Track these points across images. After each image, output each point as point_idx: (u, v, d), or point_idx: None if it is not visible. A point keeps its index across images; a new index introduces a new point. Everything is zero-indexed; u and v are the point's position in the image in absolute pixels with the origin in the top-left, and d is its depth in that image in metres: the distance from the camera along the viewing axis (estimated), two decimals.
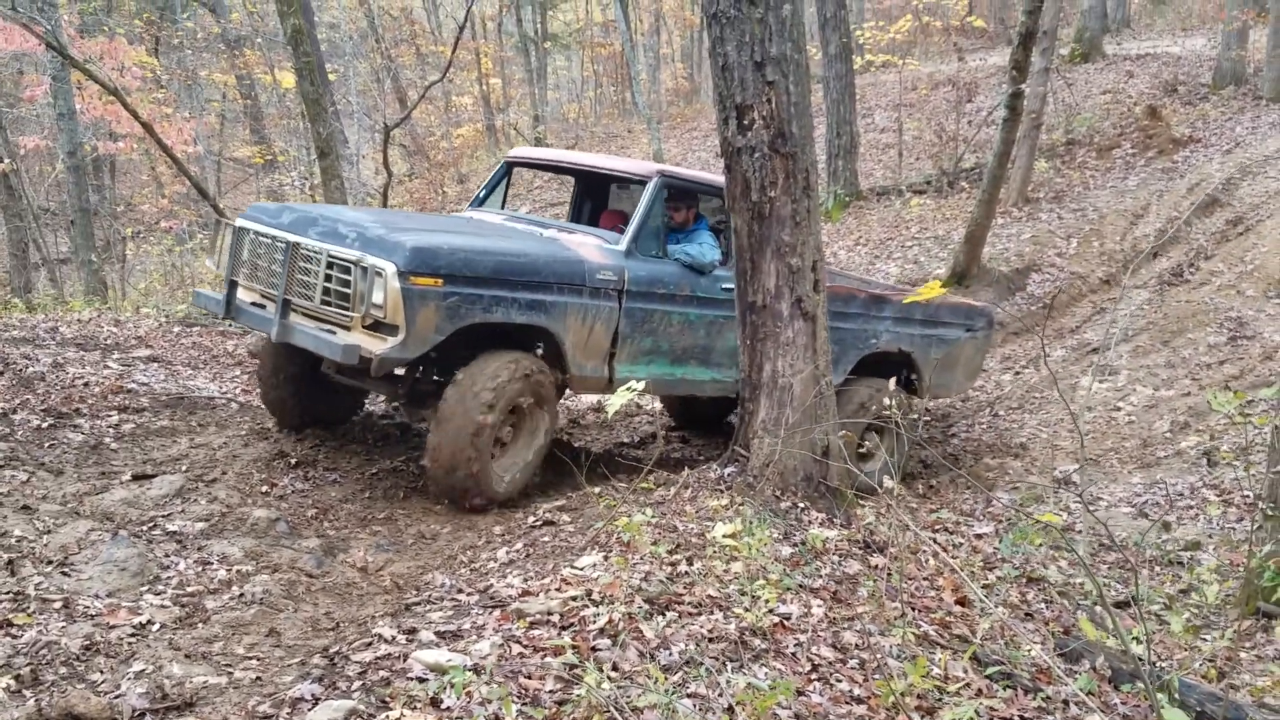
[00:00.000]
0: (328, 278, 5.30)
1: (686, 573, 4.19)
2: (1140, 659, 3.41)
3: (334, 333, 5.21)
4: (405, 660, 3.39)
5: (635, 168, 6.74)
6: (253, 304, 5.76)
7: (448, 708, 3.01)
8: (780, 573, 4.24)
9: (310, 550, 4.66)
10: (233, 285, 5.81)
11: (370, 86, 22.81)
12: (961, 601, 4.58)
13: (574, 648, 3.44)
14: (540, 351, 5.82)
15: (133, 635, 3.64)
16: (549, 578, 4.24)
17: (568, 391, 6.33)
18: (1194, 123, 14.97)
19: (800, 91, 5.21)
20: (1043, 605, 4.89)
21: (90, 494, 5.13)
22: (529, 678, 3.26)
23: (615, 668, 3.29)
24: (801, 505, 5.08)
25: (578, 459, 6.51)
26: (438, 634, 3.70)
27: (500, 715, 2.94)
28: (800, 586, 4.22)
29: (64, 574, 4.19)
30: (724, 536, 4.41)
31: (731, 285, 5.77)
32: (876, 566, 4.67)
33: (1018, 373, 9.77)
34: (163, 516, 4.94)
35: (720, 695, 3.16)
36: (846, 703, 3.37)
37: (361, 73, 23.17)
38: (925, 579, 4.73)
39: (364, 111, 21.97)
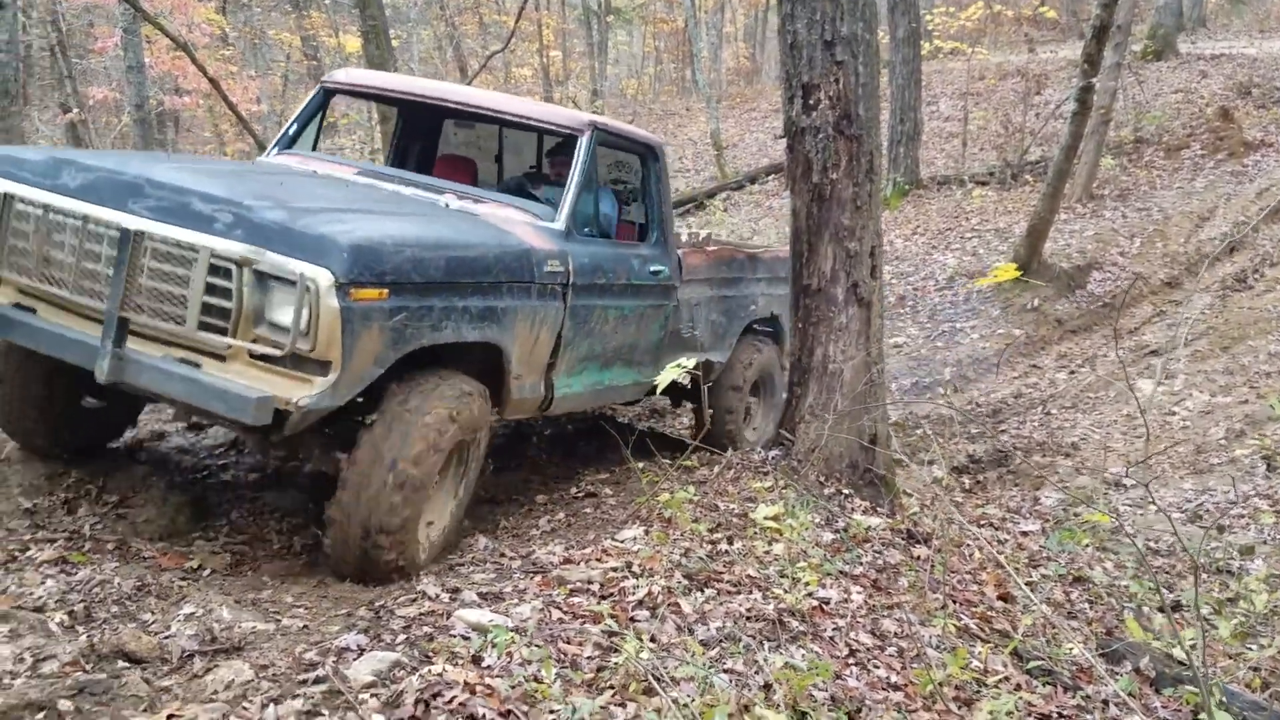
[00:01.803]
0: (210, 289, 3.58)
1: (726, 551, 4.21)
2: (1184, 663, 3.36)
3: (197, 365, 3.62)
4: (448, 618, 3.44)
5: (558, 116, 5.25)
6: (16, 306, 3.91)
7: (488, 666, 3.05)
8: (821, 557, 4.24)
9: None
10: None
11: (432, 54, 22.93)
12: (1004, 597, 4.55)
13: (613, 617, 3.47)
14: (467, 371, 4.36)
15: (183, 579, 3.72)
16: (590, 548, 4.28)
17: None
18: (1266, 127, 14.58)
19: (869, 73, 5.15)
20: (1086, 605, 4.84)
21: (150, 440, 5.24)
22: (568, 642, 3.30)
23: (654, 639, 3.32)
24: (846, 492, 5.06)
25: (623, 433, 6.54)
26: (480, 595, 3.75)
27: (540, 676, 2.98)
28: (840, 572, 4.21)
29: (119, 516, 4.29)
30: (766, 518, 4.41)
31: (658, 267, 5.40)
32: (919, 557, 4.64)
33: (1072, 372, 9.63)
34: (218, 466, 5.04)
35: (757, 673, 3.17)
36: (883, 689, 3.36)
37: (424, 39, 23.28)
38: (968, 573, 4.70)
39: (424, 77, 22.10)
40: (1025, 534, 5.77)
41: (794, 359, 5.43)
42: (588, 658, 3.21)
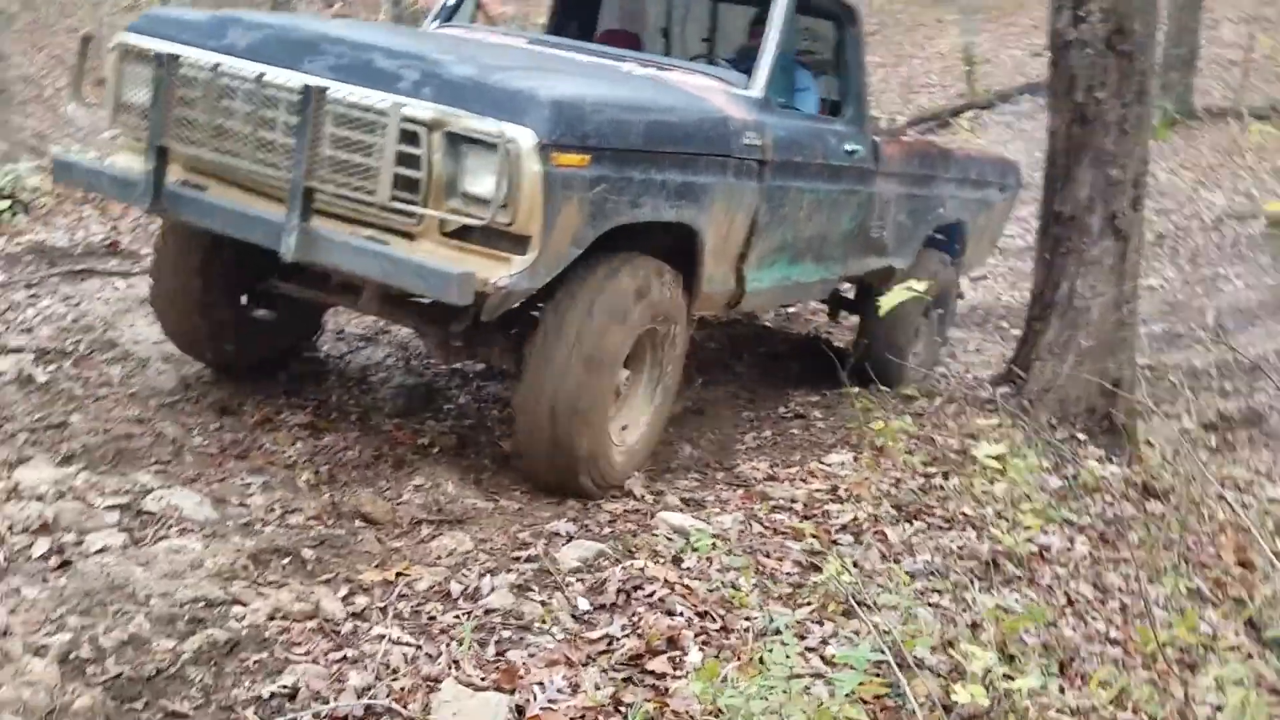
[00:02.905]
0: (401, 156, 3.18)
1: (940, 486, 4.08)
2: None
3: (385, 243, 3.29)
4: (651, 518, 3.52)
5: None
6: (189, 185, 3.59)
7: (688, 568, 3.10)
8: (1045, 503, 4.04)
9: None
10: (162, 156, 3.46)
11: None
12: (1244, 563, 4.21)
13: (815, 537, 3.45)
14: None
15: (415, 454, 3.96)
16: (796, 468, 4.25)
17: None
18: None
19: None
20: None
21: (387, 326, 5.55)
22: (768, 556, 3.30)
23: (856, 564, 3.27)
24: (1079, 437, 4.78)
25: (842, 357, 6.40)
26: (683, 500, 3.81)
27: (738, 584, 3.00)
28: (1065, 520, 4.00)
29: (363, 391, 4.60)
30: (988, 456, 4.23)
31: (853, 147, 4.78)
32: (1154, 513, 4.34)
33: None
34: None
35: (965, 611, 3.07)
36: (1100, 642, 3.20)
37: None
38: (1206, 534, 4.37)
39: None
40: (1274, 501, 5.29)
41: (1035, 291, 5.12)
42: (786, 573, 3.20)
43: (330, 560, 2.98)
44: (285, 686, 2.28)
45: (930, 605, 3.09)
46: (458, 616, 2.68)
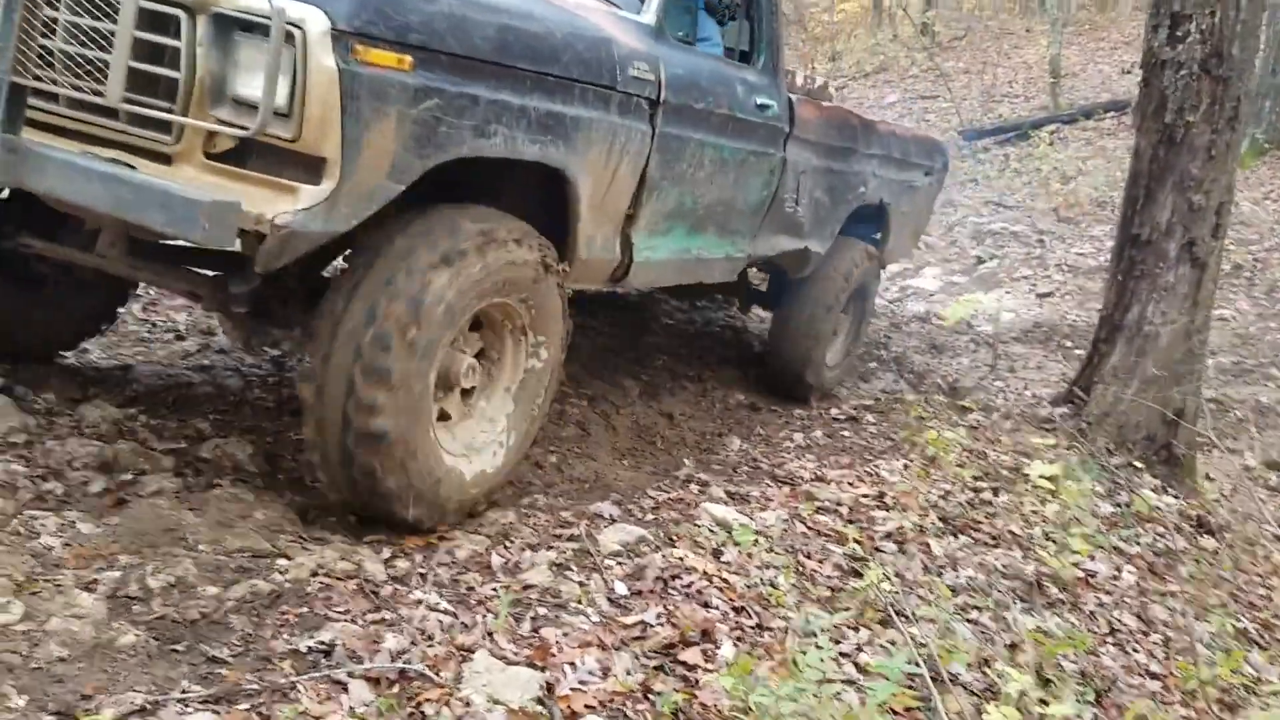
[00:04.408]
0: (146, 47, 2.45)
1: (990, 502, 4.03)
2: None
3: (130, 168, 2.48)
4: (695, 508, 3.51)
5: None
6: None
7: (727, 561, 3.09)
8: (1095, 528, 3.96)
9: (625, 389, 4.87)
10: None
11: None
12: None
13: (858, 542, 3.42)
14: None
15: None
16: (843, 471, 4.22)
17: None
18: None
19: (1252, 9, 4.56)
20: None
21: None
22: (808, 557, 3.29)
23: (898, 574, 3.24)
24: (1136, 465, 4.68)
25: (902, 363, 6.35)
26: (727, 493, 3.80)
27: (776, 582, 2.98)
28: (1114, 548, 3.92)
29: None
30: (1041, 476, 4.16)
31: (765, 101, 4.11)
32: (1205, 549, 4.24)
33: None
34: None
35: (1004, 630, 3.03)
36: (1140, 675, 3.13)
37: None
38: (1259, 574, 4.25)
39: None
40: None
41: (1104, 312, 5.01)
42: (826, 576, 3.18)
43: (376, 522, 3.01)
44: (323, 643, 2.31)
45: (969, 622, 3.05)
46: (495, 589, 2.70)
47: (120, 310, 3.82)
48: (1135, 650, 3.29)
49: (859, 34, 21.85)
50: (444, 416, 2.95)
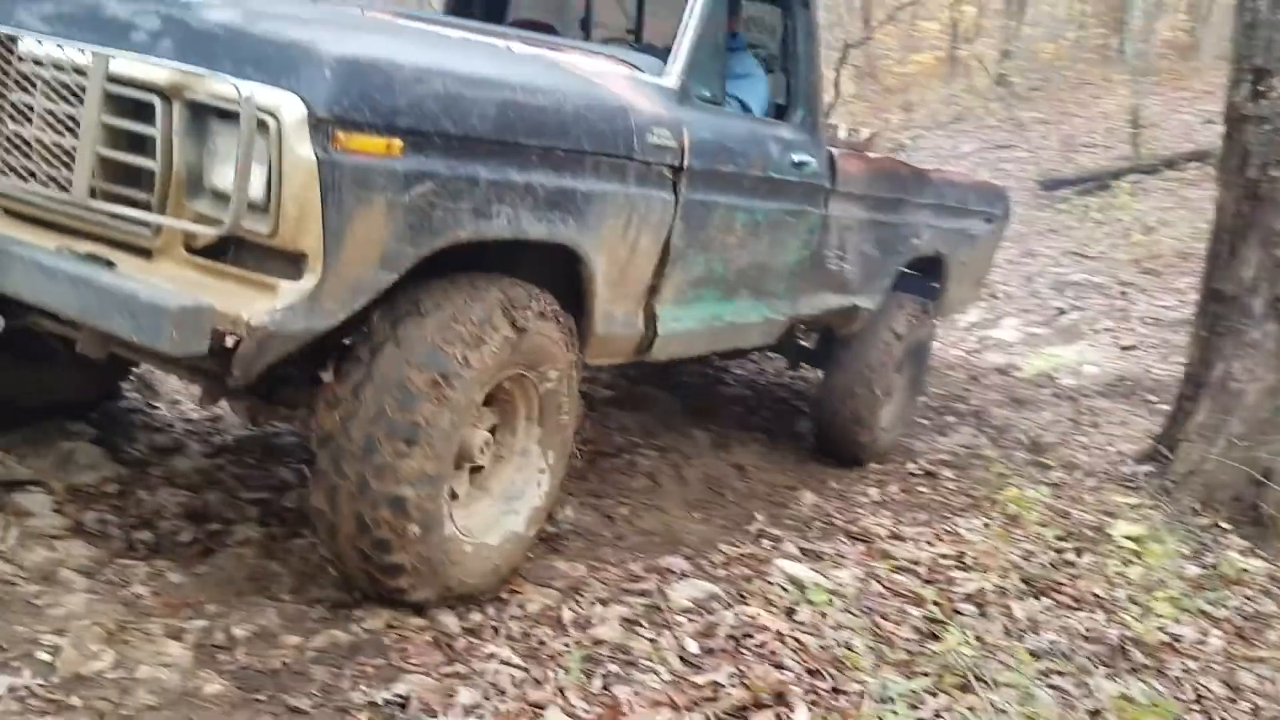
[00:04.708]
0: (116, 135, 2.36)
1: (1072, 563, 3.94)
2: None
3: (109, 265, 2.37)
4: (767, 565, 3.49)
5: None
6: None
7: (801, 620, 3.07)
8: (1181, 591, 3.84)
9: (696, 439, 4.87)
10: None
11: (838, 1, 22.65)
12: None
13: (937, 604, 3.37)
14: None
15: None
16: (921, 528, 4.17)
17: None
18: None
19: None
20: None
21: None
22: (885, 618, 3.24)
23: (978, 637, 3.18)
24: (1224, 526, 4.53)
25: (981, 417, 6.24)
26: (800, 549, 3.77)
27: (852, 644, 2.95)
28: (1201, 611, 3.79)
29: None
30: (1125, 536, 4.06)
31: (803, 158, 3.97)
32: None
33: None
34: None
35: (1087, 697, 2.95)
36: None
37: None
38: None
39: (825, 27, 21.90)
40: None
41: (1188, 369, 4.89)
42: (904, 639, 3.13)
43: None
44: (399, 695, 2.35)
45: (1051, 687, 2.98)
46: (566, 644, 2.71)
47: (123, 384, 3.74)
48: (1222, 718, 3.17)
49: (933, 85, 21.81)
50: (453, 496, 2.80)
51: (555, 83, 2.94)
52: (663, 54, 3.51)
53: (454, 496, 2.79)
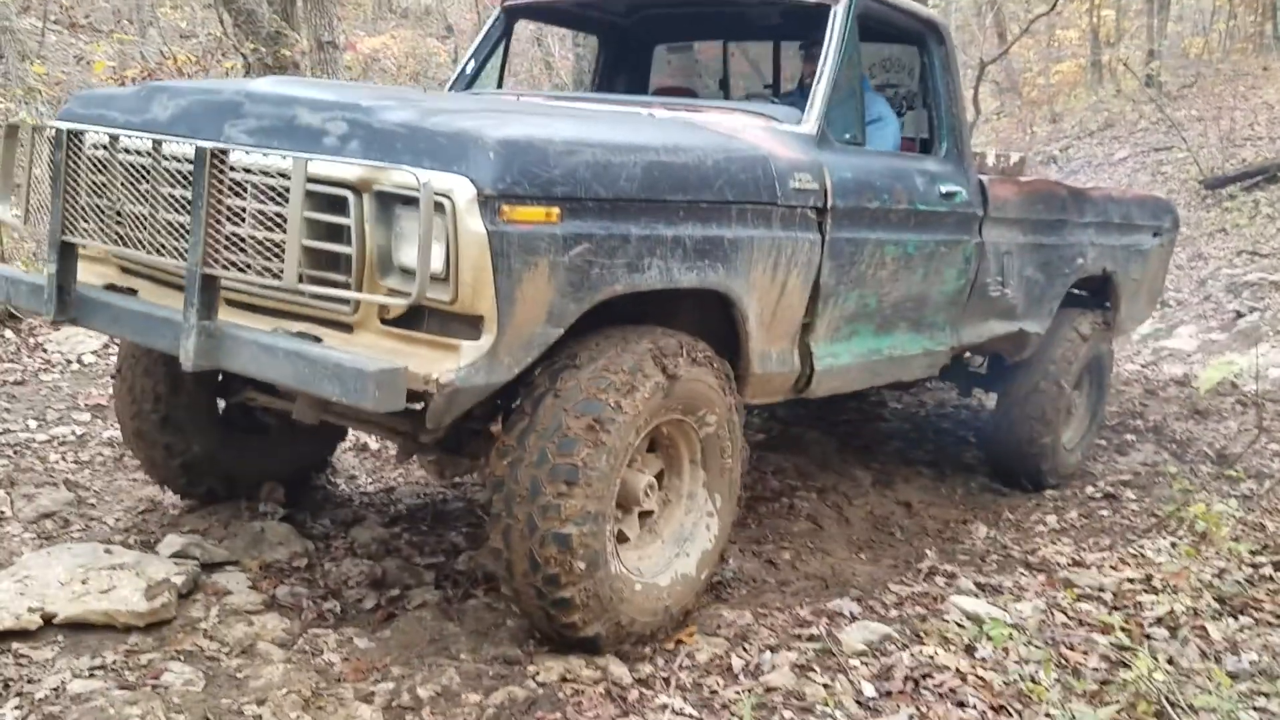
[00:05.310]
0: (317, 226, 2.62)
1: (1271, 578, 3.69)
2: None
3: (317, 340, 2.66)
4: (942, 602, 3.41)
5: None
6: (110, 288, 3.07)
7: (982, 658, 2.98)
8: None
9: (857, 478, 4.81)
10: (67, 253, 2.91)
11: (970, 20, 22.24)
12: None
13: (1125, 630, 3.22)
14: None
15: None
16: (1104, 553, 4.00)
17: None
18: None
19: None
20: None
21: None
22: (1071, 649, 3.12)
23: (1171, 661, 3.01)
24: None
25: (1161, 432, 5.93)
26: (976, 584, 3.67)
27: (1037, 677, 2.84)
28: None
29: None
30: None
31: (951, 188, 4.03)
32: None
33: None
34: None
35: None
36: None
37: (963, 7, 22.67)
38: None
39: (960, 46, 21.51)
40: None
41: None
42: (1092, 668, 3.01)
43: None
44: None
45: (1255, 710, 2.79)
46: (738, 692, 2.71)
47: (330, 456, 4.14)
48: None
49: (1078, 93, 21.06)
50: (623, 539, 2.99)
51: (695, 141, 3.12)
52: (801, 103, 3.68)
53: (624, 539, 2.99)
